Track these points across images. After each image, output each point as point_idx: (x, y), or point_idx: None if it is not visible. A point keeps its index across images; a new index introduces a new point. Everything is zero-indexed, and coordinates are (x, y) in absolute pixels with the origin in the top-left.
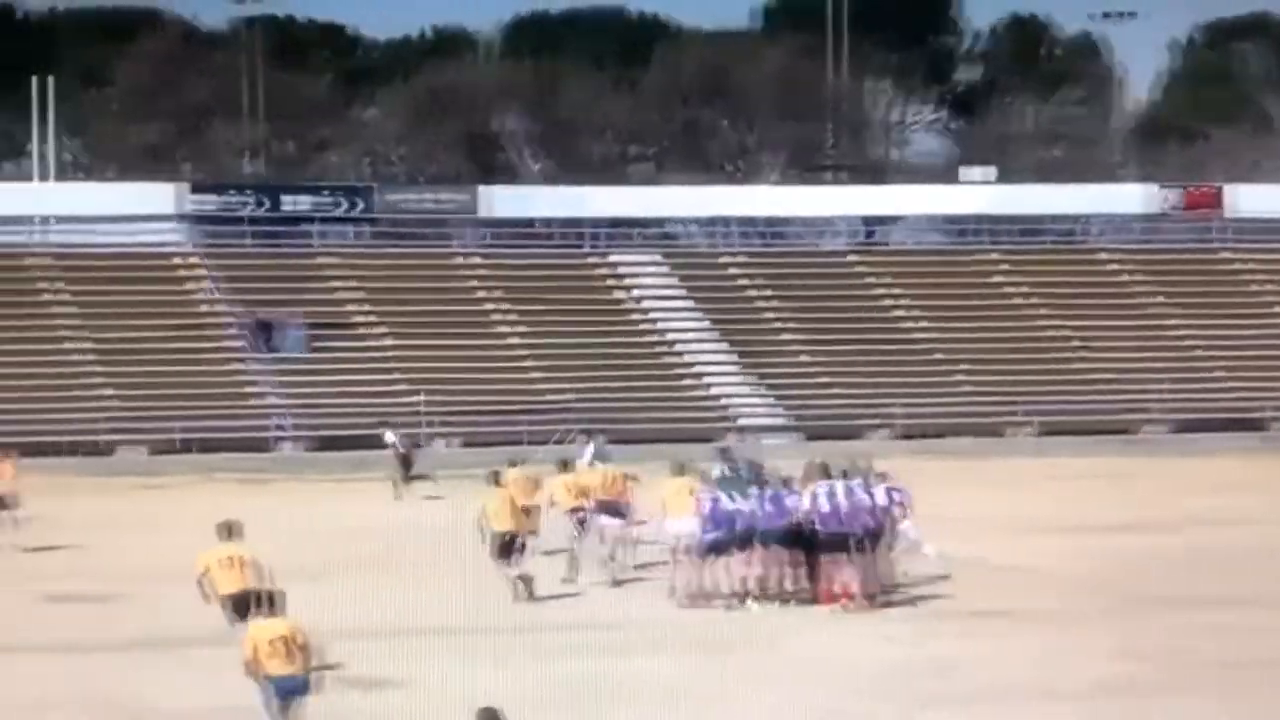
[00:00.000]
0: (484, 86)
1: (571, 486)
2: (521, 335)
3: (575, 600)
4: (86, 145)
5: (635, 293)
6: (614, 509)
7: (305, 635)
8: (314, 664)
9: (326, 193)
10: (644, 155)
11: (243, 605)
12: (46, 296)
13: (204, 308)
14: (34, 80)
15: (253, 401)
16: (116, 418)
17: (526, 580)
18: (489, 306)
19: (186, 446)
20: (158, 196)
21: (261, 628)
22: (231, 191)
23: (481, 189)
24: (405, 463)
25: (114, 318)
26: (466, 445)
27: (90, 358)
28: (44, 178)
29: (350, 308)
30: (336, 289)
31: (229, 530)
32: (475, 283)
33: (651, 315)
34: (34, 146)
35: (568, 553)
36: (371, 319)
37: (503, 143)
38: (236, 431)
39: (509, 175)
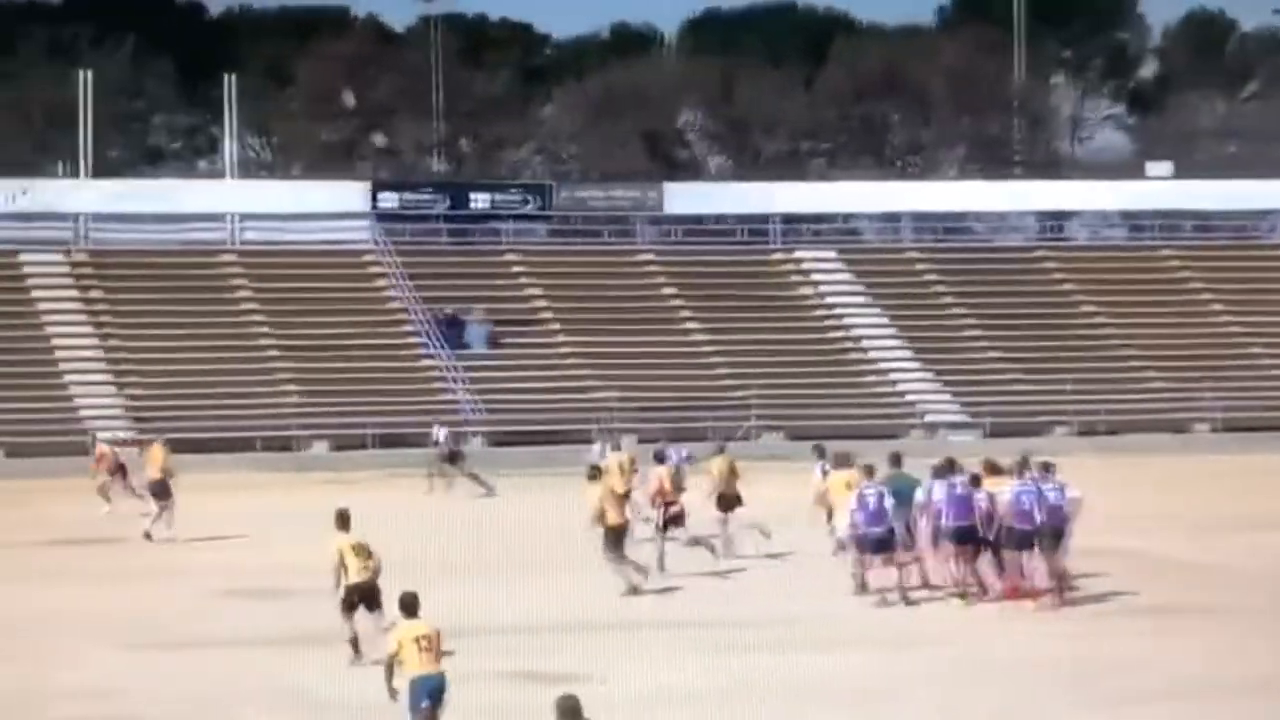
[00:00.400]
0: (661, 84)
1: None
2: (706, 331)
3: (744, 594)
4: (271, 143)
5: (821, 288)
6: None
7: (440, 635)
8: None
9: (512, 190)
10: (819, 151)
11: (368, 597)
12: (240, 294)
13: (392, 304)
14: (226, 79)
15: (440, 397)
16: (303, 413)
17: (641, 570)
18: (674, 303)
19: (373, 442)
20: (347, 194)
21: (408, 627)
22: (420, 189)
23: (666, 185)
24: (451, 459)
25: (302, 314)
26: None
27: (277, 353)
28: (233, 175)
29: (536, 303)
30: (523, 285)
31: (345, 520)
32: (660, 279)
33: (836, 311)
34: (226, 145)
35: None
36: (556, 315)
37: (679, 139)
38: (424, 427)
39: (685, 172)
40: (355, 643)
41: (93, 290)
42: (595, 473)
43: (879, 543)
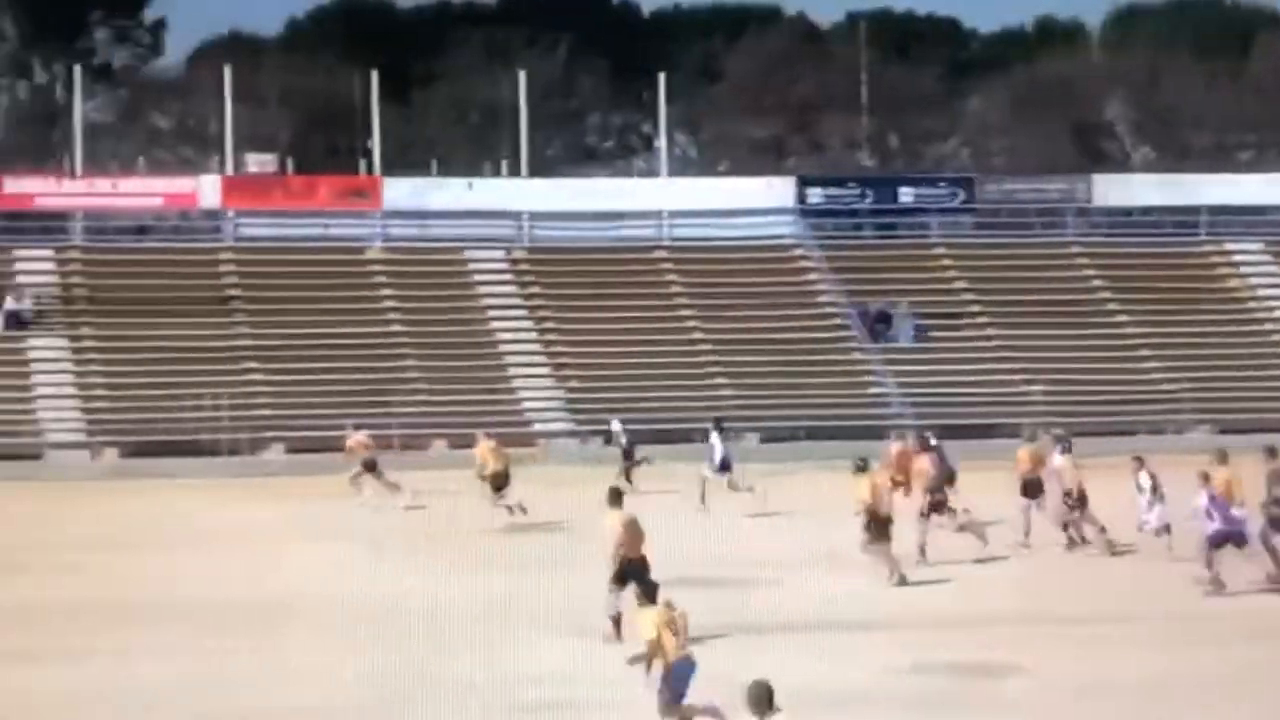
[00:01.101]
0: (1087, 76)
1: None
2: (1134, 324)
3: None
4: (700, 140)
5: (1250, 281)
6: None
7: (684, 618)
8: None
9: (939, 184)
10: (1247, 143)
11: (639, 571)
12: (672, 289)
13: (820, 299)
14: (661, 77)
15: (868, 391)
16: (735, 406)
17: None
18: (1102, 295)
19: (804, 434)
20: (775, 190)
21: (656, 613)
22: (847, 184)
23: (1094, 177)
24: (627, 455)
25: (732, 309)
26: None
27: (709, 347)
28: (665, 173)
29: (963, 297)
30: (950, 279)
31: (618, 497)
32: (1089, 271)
33: (1267, 304)
34: (662, 143)
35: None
36: (983, 308)
37: (1106, 132)
38: (851, 420)
39: (1110, 164)
40: (618, 621)
41: (533, 286)
42: (863, 467)
43: (1231, 539)
